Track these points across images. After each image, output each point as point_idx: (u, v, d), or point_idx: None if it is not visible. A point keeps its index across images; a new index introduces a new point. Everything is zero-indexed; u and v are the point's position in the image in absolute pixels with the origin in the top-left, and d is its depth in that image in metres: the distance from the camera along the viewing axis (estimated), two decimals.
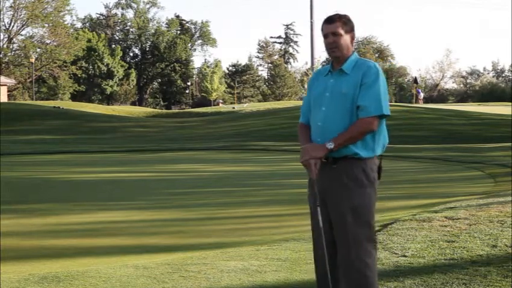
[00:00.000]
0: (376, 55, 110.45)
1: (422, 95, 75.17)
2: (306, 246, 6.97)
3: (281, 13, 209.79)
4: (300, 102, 65.90)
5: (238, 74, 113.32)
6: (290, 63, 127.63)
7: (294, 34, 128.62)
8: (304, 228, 8.47)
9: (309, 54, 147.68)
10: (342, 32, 4.33)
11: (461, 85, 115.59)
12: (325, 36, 4.35)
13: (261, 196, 12.70)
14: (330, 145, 4.15)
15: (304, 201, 12.15)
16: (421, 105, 60.38)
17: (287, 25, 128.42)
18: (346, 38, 4.35)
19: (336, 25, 4.33)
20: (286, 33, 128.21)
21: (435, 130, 34.43)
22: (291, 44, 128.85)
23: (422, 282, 5.42)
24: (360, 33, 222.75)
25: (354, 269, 4.18)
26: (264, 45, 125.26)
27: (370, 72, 4.26)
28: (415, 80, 78.31)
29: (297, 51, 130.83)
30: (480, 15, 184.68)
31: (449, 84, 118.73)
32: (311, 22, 43.39)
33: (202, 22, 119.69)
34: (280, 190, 13.55)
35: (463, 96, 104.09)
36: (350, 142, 4.18)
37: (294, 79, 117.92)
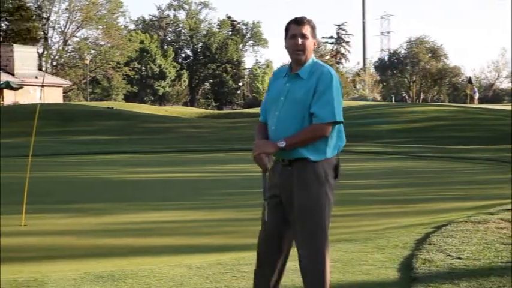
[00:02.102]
0: (429, 55, 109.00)
1: (477, 95, 73.93)
2: (358, 248, 6.93)
3: (333, 13, 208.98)
4: (352, 103, 65.49)
5: None
6: (341, 64, 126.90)
7: (345, 34, 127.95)
8: (356, 229, 8.44)
9: (360, 54, 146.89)
10: (309, 35, 4.42)
11: None
12: (293, 36, 4.40)
13: None
14: (282, 144, 4.23)
15: (355, 202, 12.11)
16: (476, 105, 59.41)
17: (339, 25, 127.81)
18: (311, 42, 4.43)
19: (306, 27, 4.40)
20: (337, 33, 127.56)
21: (491, 131, 33.83)
22: (343, 44, 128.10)
23: (478, 285, 5.34)
24: (412, 32, 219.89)
25: (306, 265, 4.30)
26: (316, 46, 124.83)
27: (324, 78, 4.32)
28: (470, 80, 77.04)
29: (348, 51, 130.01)
30: None
31: (505, 84, 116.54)
32: (363, 22, 43.06)
33: (253, 23, 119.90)
34: None
35: None
36: (301, 144, 4.27)
37: (345, 79, 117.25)
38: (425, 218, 9.04)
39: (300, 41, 4.39)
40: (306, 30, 4.40)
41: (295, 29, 4.40)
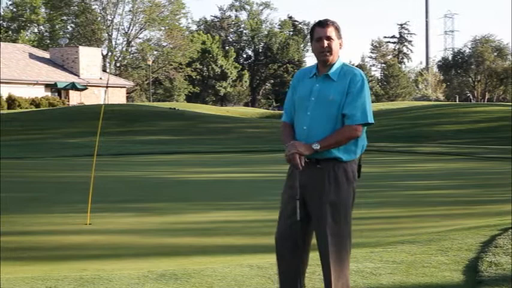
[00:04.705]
0: (495, 54, 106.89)
1: None
2: (421, 249, 6.84)
3: (395, 12, 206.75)
4: (415, 103, 64.71)
5: None
6: (404, 63, 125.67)
7: (408, 33, 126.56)
8: (420, 230, 8.33)
9: (423, 54, 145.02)
10: (334, 36, 4.50)
11: None
12: (318, 39, 4.50)
13: (375, 198, 12.54)
14: (316, 146, 4.35)
15: (418, 203, 11.97)
16: None
17: (401, 24, 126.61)
18: (337, 43, 4.52)
19: (330, 29, 4.50)
20: (400, 33, 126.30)
21: None
22: (405, 43, 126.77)
23: None
24: (477, 31, 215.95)
25: (329, 259, 4.42)
26: (378, 45, 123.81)
27: (356, 81, 4.43)
28: None
29: (411, 50, 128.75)
30: None
31: None
32: (426, 21, 42.68)
33: (314, 23, 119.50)
34: (394, 192, 13.36)
35: None
36: (335, 146, 4.40)
37: (408, 79, 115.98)
38: (490, 220, 8.86)
39: (325, 43, 4.48)
40: (331, 32, 4.50)
41: (320, 31, 4.51)
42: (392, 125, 39.14)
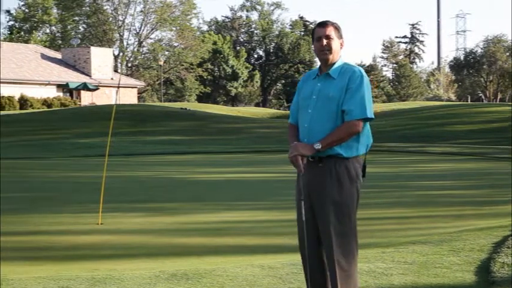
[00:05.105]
0: (507, 54, 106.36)
1: None
2: (433, 250, 6.82)
3: (407, 12, 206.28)
4: (427, 103, 64.54)
5: None
6: (415, 63, 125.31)
7: (420, 34, 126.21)
8: (431, 231, 8.30)
9: (435, 54, 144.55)
10: (334, 36, 4.59)
11: None
12: (318, 39, 4.60)
13: (386, 198, 12.53)
14: (318, 146, 4.41)
15: (430, 203, 11.92)
16: None
17: (413, 24, 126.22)
18: (337, 43, 4.60)
19: (329, 29, 4.60)
20: (411, 33, 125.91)
21: None
22: (417, 43, 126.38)
23: None
24: (489, 31, 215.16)
25: (334, 260, 4.44)
26: (389, 45, 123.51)
27: (355, 77, 4.50)
28: None
29: (422, 50, 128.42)
30: None
31: None
32: (438, 21, 42.58)
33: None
34: (405, 192, 13.32)
35: None
36: (336, 143, 4.44)
37: (419, 79, 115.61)
38: (503, 220, 8.81)
39: (324, 41, 4.57)
40: (330, 31, 4.59)
41: (319, 31, 4.61)
42: (404, 125, 39.05)
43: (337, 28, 4.63)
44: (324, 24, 4.62)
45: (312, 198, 4.54)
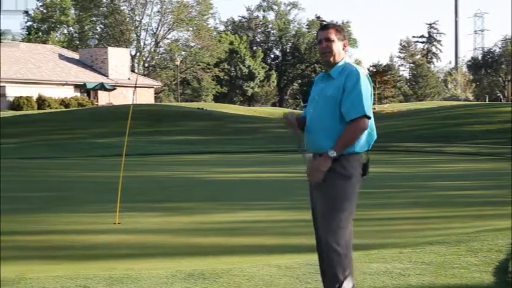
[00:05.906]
0: None
1: None
2: (451, 250, 6.78)
3: (424, 12, 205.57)
4: (444, 103, 64.23)
5: (379, 75, 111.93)
6: (433, 63, 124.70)
7: (437, 33, 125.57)
8: (449, 231, 8.26)
9: (452, 54, 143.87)
10: (334, 38, 4.69)
11: None
12: (319, 42, 4.73)
13: (403, 198, 12.49)
14: (332, 153, 4.51)
15: (448, 203, 11.85)
16: None
17: (430, 24, 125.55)
18: (338, 45, 4.70)
19: (330, 31, 4.70)
20: (429, 32, 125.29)
21: None
22: (434, 43, 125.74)
23: None
24: (507, 30, 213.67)
25: (325, 250, 4.64)
26: (406, 45, 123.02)
27: (352, 76, 4.59)
28: None
29: (440, 50, 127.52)
30: None
31: None
32: (456, 21, 42.34)
33: (342, 22, 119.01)
34: (423, 192, 13.26)
35: None
36: (348, 145, 4.54)
37: (436, 79, 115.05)
38: None
39: (324, 44, 4.69)
40: (331, 33, 4.69)
41: (321, 34, 4.74)
42: (421, 125, 38.90)
43: (338, 30, 4.73)
44: (324, 27, 4.75)
45: (312, 193, 4.78)
